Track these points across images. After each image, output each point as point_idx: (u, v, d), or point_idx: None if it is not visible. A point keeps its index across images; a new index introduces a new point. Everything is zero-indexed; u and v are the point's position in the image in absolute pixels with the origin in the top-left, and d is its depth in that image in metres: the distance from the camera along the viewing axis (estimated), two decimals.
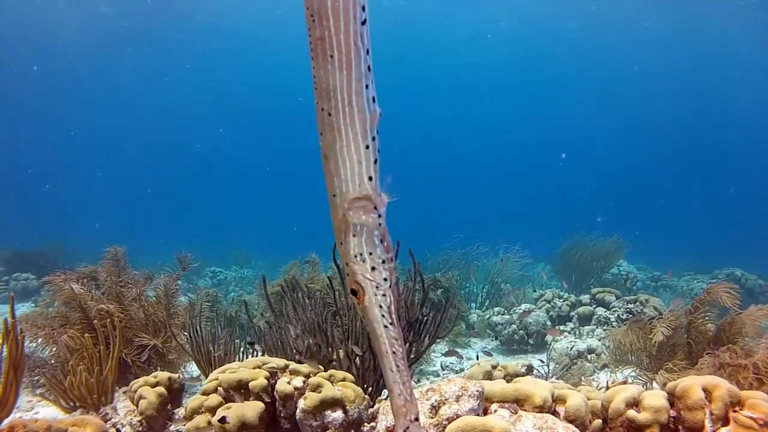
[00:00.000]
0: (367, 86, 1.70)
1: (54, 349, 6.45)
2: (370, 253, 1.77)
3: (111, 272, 7.05)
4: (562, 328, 10.22)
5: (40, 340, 6.50)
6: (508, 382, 3.32)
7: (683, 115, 49.06)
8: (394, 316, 1.79)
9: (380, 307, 1.77)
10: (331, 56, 1.64)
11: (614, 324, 9.49)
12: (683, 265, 18.12)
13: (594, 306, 10.60)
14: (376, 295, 1.77)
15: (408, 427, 1.69)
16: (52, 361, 6.59)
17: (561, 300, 10.99)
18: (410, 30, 37.25)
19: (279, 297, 7.03)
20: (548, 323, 10.37)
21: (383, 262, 1.78)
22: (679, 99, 45.65)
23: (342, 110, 1.68)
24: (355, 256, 1.78)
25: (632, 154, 56.83)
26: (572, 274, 14.00)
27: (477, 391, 2.93)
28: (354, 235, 1.77)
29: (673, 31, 32.49)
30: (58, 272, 6.88)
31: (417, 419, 1.71)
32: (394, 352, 1.76)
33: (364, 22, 1.66)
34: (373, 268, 1.78)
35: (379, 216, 1.79)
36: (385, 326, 1.77)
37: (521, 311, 10.46)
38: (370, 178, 1.75)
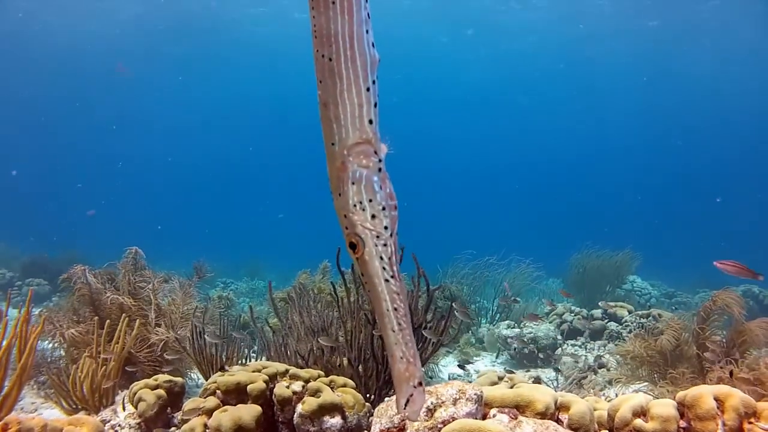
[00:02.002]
0: (367, 31, 1.74)
1: (60, 345, 6.46)
2: (371, 200, 1.70)
3: (128, 270, 7.02)
4: (572, 342, 10.03)
5: (48, 339, 6.50)
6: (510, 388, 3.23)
7: (700, 125, 48.49)
8: (395, 268, 1.69)
9: (381, 258, 1.68)
10: (333, 2, 1.70)
11: (626, 339, 9.31)
12: (699, 282, 17.80)
13: (606, 320, 10.41)
14: (376, 245, 1.68)
15: (411, 394, 1.57)
16: (61, 362, 6.61)
17: (572, 314, 10.82)
18: (421, 53, 37.79)
19: (287, 304, 6.99)
20: (559, 338, 10.20)
21: (384, 209, 1.70)
22: (694, 109, 45.13)
23: (343, 54, 1.71)
24: (354, 205, 1.70)
25: (647, 167, 56.29)
26: (584, 288, 13.80)
27: (475, 394, 2.85)
28: (353, 183, 1.71)
29: (681, 37, 32.31)
30: (76, 266, 6.86)
31: (421, 384, 1.59)
32: (395, 309, 1.65)
33: None
34: (373, 216, 1.69)
35: (380, 161, 1.74)
36: (386, 280, 1.67)
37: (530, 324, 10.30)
38: (371, 122, 1.74)
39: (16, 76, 38.30)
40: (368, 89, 1.73)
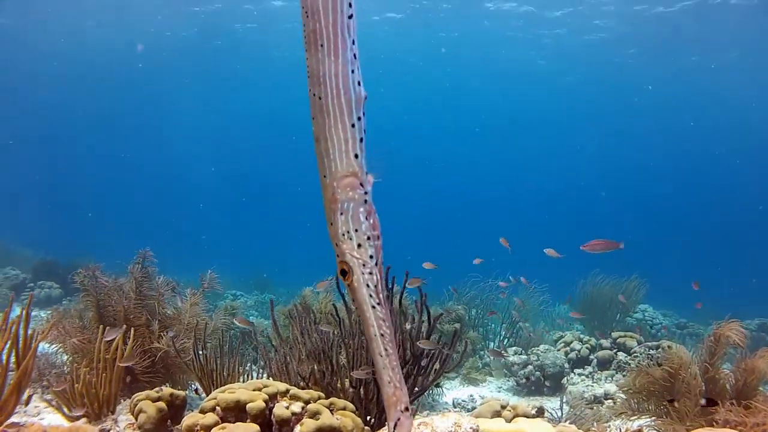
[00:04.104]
0: (353, 71, 1.87)
1: (65, 350, 6.49)
2: (356, 230, 1.83)
3: (136, 275, 7.02)
4: (580, 371, 9.91)
5: (53, 342, 6.55)
6: (508, 421, 3.20)
7: (722, 152, 47.82)
8: (381, 296, 1.82)
9: (367, 286, 1.81)
10: (322, 45, 1.84)
11: (634, 370, 9.18)
12: (713, 313, 17.45)
13: (615, 350, 10.27)
14: (363, 273, 1.80)
15: (399, 419, 1.67)
16: (65, 368, 6.64)
17: (581, 343, 10.69)
18: (430, 73, 38.04)
19: (289, 321, 6.97)
20: (566, 366, 10.07)
21: (368, 238, 1.83)
22: (716, 135, 44.53)
23: (330, 93, 1.85)
24: (343, 235, 1.83)
25: (662, 193, 55.69)
26: (593, 316, 13.63)
27: (471, 428, 2.83)
28: (342, 213, 1.84)
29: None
30: (90, 265, 6.90)
31: (407, 409, 1.69)
32: (382, 334, 1.76)
33: (350, 17, 1.86)
34: (359, 245, 1.82)
35: (366, 193, 1.88)
36: (373, 306, 1.79)
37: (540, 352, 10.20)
38: (356, 156, 1.86)
39: (37, 81, 39.15)
40: (353, 125, 1.85)
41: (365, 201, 1.86)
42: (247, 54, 36.53)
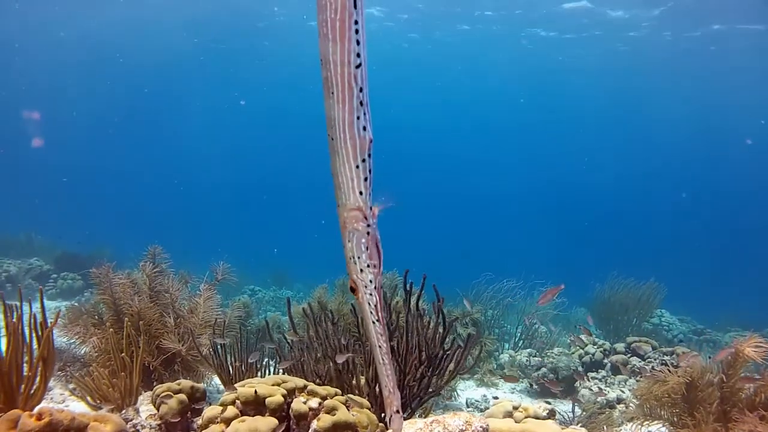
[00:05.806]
0: (358, 117, 2.05)
1: (88, 346, 6.66)
2: (359, 257, 2.11)
3: (148, 273, 7.12)
4: (593, 375, 9.90)
5: (75, 337, 6.72)
6: (518, 422, 3.27)
7: (744, 156, 46.92)
8: (380, 315, 2.12)
9: (369, 304, 2.10)
10: (332, 93, 2.01)
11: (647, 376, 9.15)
12: (732, 319, 17.24)
13: (629, 355, 10.25)
14: (365, 294, 2.11)
15: (391, 417, 2.00)
16: (85, 359, 6.83)
17: (595, 346, 10.68)
18: (446, 78, 38.00)
19: (305, 321, 7.03)
20: (580, 369, 10.07)
21: (368, 266, 2.12)
22: (737, 139, 43.66)
23: (339, 136, 2.06)
24: (351, 258, 2.13)
25: (679, 198, 54.91)
26: (609, 320, 13.56)
27: (481, 427, 2.91)
28: (349, 241, 2.12)
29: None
30: (105, 265, 7.06)
31: (398, 411, 2.02)
32: (379, 347, 2.08)
33: (358, 66, 1.99)
34: (361, 270, 2.12)
35: (368, 226, 2.13)
36: (373, 322, 2.09)
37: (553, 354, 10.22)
38: (361, 193, 2.11)
39: (57, 77, 39.85)
40: (357, 167, 2.08)
41: (367, 233, 2.12)
42: (266, 50, 36.81)
